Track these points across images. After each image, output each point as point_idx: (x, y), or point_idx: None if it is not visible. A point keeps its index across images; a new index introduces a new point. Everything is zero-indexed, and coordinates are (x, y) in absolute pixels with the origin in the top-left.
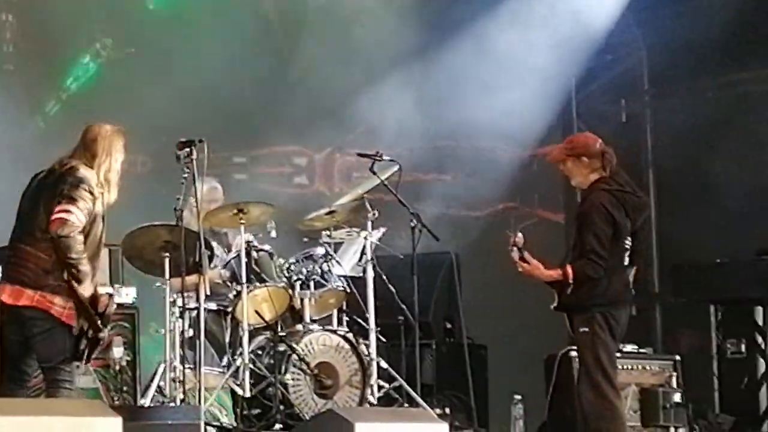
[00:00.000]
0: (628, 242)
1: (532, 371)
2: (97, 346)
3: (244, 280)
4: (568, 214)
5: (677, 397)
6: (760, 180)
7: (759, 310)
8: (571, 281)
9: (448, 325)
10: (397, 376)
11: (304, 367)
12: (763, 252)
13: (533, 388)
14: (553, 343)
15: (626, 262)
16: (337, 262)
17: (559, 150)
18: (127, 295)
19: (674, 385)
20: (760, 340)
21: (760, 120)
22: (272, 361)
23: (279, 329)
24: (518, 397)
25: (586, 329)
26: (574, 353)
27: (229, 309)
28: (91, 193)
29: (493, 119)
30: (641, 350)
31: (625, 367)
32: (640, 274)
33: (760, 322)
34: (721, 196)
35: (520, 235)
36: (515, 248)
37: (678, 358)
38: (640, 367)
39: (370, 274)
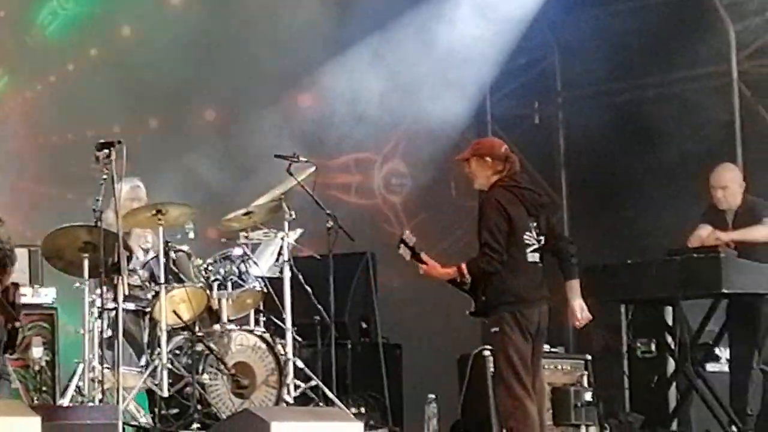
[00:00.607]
0: (529, 238)
1: (446, 371)
2: (17, 335)
3: (162, 280)
4: None
5: (588, 396)
6: (670, 182)
7: (668, 310)
8: (466, 277)
9: (364, 325)
10: (313, 375)
11: (222, 366)
12: (673, 253)
13: (447, 387)
14: (467, 342)
15: (532, 258)
16: (255, 262)
17: (467, 150)
18: (46, 295)
19: (585, 384)
20: (669, 339)
21: (669, 122)
22: (190, 361)
23: (197, 329)
24: (432, 396)
25: (497, 329)
26: (487, 353)
27: (148, 309)
28: None
29: (408, 121)
30: (553, 350)
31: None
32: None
33: (670, 322)
34: (632, 198)
35: (407, 232)
36: (403, 246)
37: (589, 357)
38: (552, 366)
39: (287, 275)
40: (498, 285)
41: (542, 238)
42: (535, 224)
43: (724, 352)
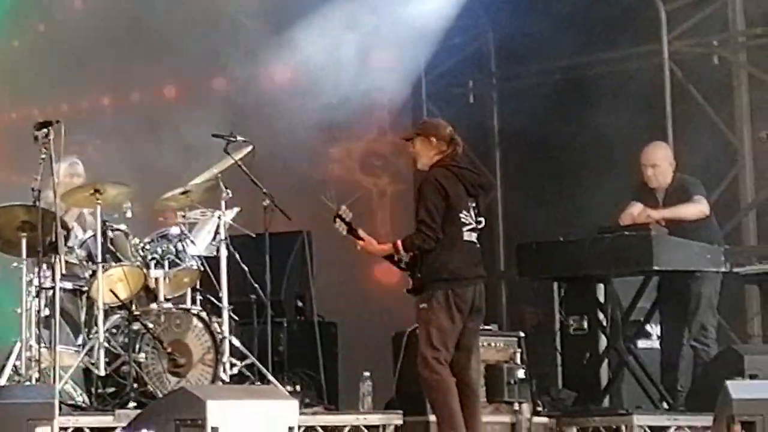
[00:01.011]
0: (467, 217)
1: (381, 348)
2: None
3: (99, 259)
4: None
5: (521, 373)
6: (602, 160)
7: (600, 288)
8: (402, 254)
9: (300, 304)
10: (249, 354)
11: (158, 345)
12: (605, 231)
13: (382, 365)
14: (402, 320)
15: (468, 237)
16: (192, 241)
17: (412, 130)
18: None
19: (518, 361)
20: (601, 316)
21: (602, 102)
22: (126, 340)
23: (133, 308)
24: (367, 373)
25: (425, 305)
26: None
27: (85, 288)
28: None
29: (344, 98)
30: (486, 327)
31: None
32: None
33: (602, 300)
34: (565, 177)
35: (343, 207)
36: (339, 221)
37: (522, 334)
38: (485, 343)
39: (224, 254)
40: (433, 262)
41: (482, 219)
42: (474, 204)
43: (654, 329)
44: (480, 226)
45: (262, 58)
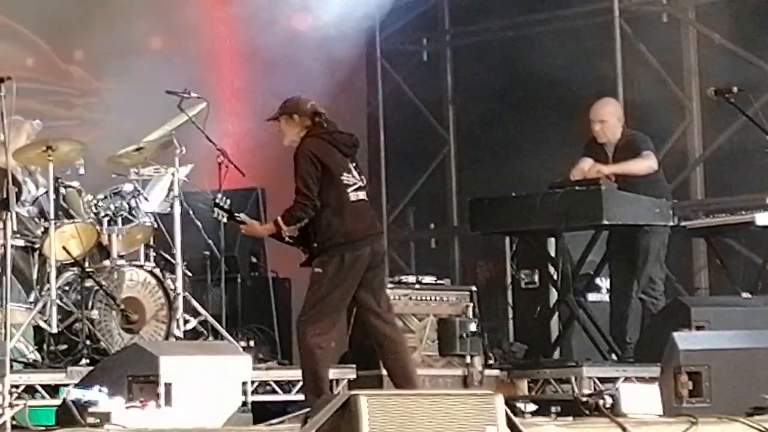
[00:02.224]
0: (348, 178)
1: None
2: None
3: (52, 216)
4: None
5: (473, 327)
6: (553, 117)
7: (551, 242)
8: (285, 230)
9: (254, 260)
10: (203, 310)
11: (111, 302)
12: (556, 186)
13: None
14: None
15: (355, 197)
16: (145, 198)
17: (276, 111)
18: None
19: (470, 315)
20: (552, 270)
21: (553, 59)
22: (79, 297)
23: (86, 265)
24: None
25: (320, 270)
26: None
27: (37, 245)
28: None
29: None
30: (439, 281)
31: (423, 298)
32: None
33: (553, 254)
34: (518, 133)
35: (219, 195)
36: (218, 209)
37: (474, 289)
38: (437, 298)
39: (177, 210)
40: (326, 229)
41: (364, 177)
42: (354, 164)
43: (604, 282)
44: (364, 184)
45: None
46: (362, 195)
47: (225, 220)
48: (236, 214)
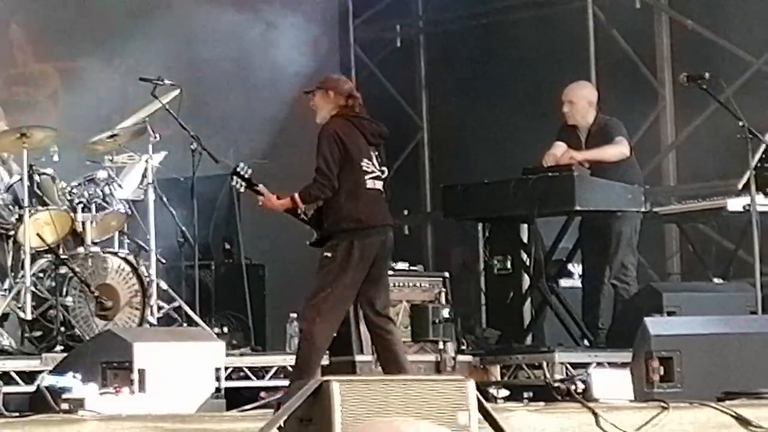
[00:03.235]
0: (368, 165)
1: (308, 291)
2: None
3: (26, 203)
4: None
5: (446, 313)
6: (526, 104)
7: (524, 228)
8: (301, 206)
9: (227, 246)
10: (177, 296)
11: (85, 289)
12: (528, 172)
13: None
14: None
15: (372, 185)
16: (119, 185)
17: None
18: None
19: (443, 301)
20: (524, 256)
21: (526, 46)
22: (53, 284)
23: (61, 252)
24: (294, 315)
25: (329, 254)
26: None
27: (11, 232)
28: None
29: (269, 42)
30: (412, 267)
31: (396, 284)
32: None
33: (525, 240)
34: (490, 119)
35: (242, 164)
36: (237, 177)
37: (447, 275)
38: (411, 284)
39: (151, 197)
40: (337, 212)
41: (385, 168)
42: (376, 153)
43: (577, 268)
44: (384, 175)
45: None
46: (379, 185)
47: (242, 189)
48: (255, 185)
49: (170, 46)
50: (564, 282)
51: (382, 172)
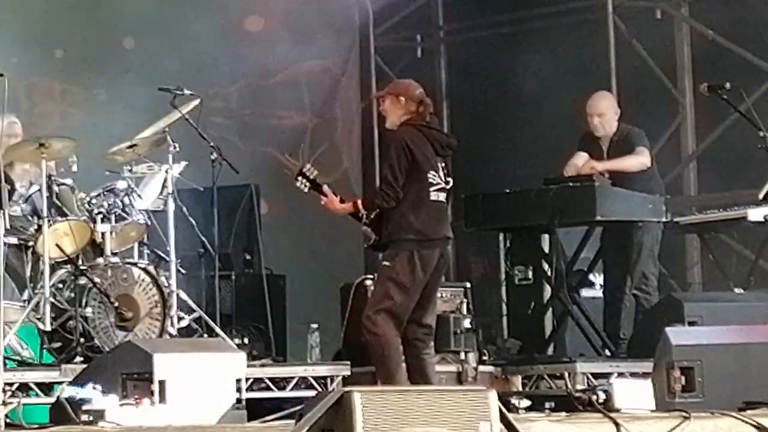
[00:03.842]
0: (434, 177)
1: (329, 301)
2: None
3: (45, 214)
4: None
5: (467, 323)
6: (548, 113)
7: (545, 238)
8: (362, 212)
9: (248, 257)
10: (197, 307)
11: (105, 300)
12: (549, 182)
13: (330, 317)
14: (349, 272)
15: (435, 197)
16: (139, 195)
17: (385, 89)
18: None
19: (465, 311)
20: (546, 266)
21: (548, 56)
22: (73, 295)
23: (80, 263)
24: (315, 326)
25: (388, 264)
26: (369, 282)
27: (30, 243)
28: None
29: (290, 54)
30: None
31: None
32: None
33: (546, 250)
34: (512, 129)
35: (308, 165)
36: (302, 178)
37: (468, 285)
38: None
39: (171, 207)
40: (399, 221)
41: (450, 180)
42: (443, 165)
43: (598, 278)
44: (448, 186)
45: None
46: (442, 197)
47: (306, 190)
48: (320, 185)
49: (184, 60)
50: (585, 292)
51: (447, 183)
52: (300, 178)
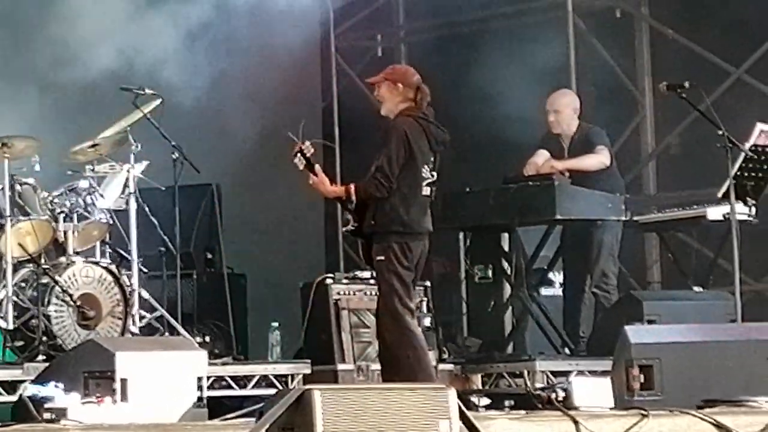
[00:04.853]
0: (427, 172)
1: (290, 299)
2: None
3: (7, 213)
4: None
5: (427, 322)
6: (506, 113)
7: (505, 237)
8: (353, 198)
9: (209, 255)
10: (159, 306)
11: (67, 298)
12: (509, 181)
13: (291, 315)
14: (310, 271)
15: (425, 192)
16: (101, 194)
17: (380, 74)
18: None
19: (425, 309)
20: (505, 265)
21: (507, 55)
22: (35, 294)
23: (42, 262)
24: (275, 324)
25: (382, 258)
26: (329, 281)
27: None
28: None
29: (250, 51)
30: None
31: (376, 293)
32: None
33: (506, 248)
34: (470, 129)
35: (308, 143)
36: (300, 155)
37: (428, 284)
38: None
39: (133, 207)
40: (389, 212)
41: (435, 174)
42: (432, 159)
43: (557, 277)
44: (433, 180)
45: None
46: (429, 192)
47: (301, 167)
48: (313, 165)
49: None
50: (545, 290)
51: (432, 176)
52: (299, 155)
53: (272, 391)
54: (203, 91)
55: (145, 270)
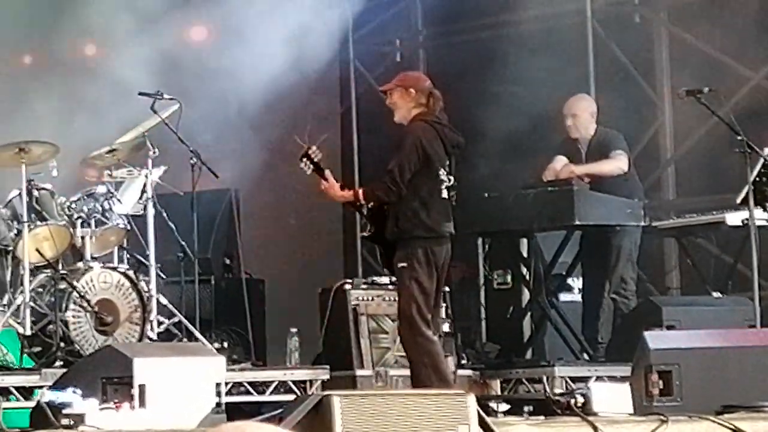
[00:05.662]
0: (444, 175)
1: (308, 305)
2: None
3: (25, 218)
4: None
5: (446, 327)
6: (527, 118)
7: (524, 242)
8: (362, 202)
9: (227, 261)
10: (177, 311)
11: (85, 304)
12: (528, 186)
13: (309, 321)
14: (329, 276)
15: (445, 195)
16: (118, 200)
17: (392, 81)
18: None
19: (443, 315)
20: (524, 271)
21: (526, 60)
22: (53, 299)
23: (60, 267)
24: (294, 330)
25: (404, 264)
26: (348, 286)
27: (10, 248)
28: None
29: (269, 57)
30: None
31: (396, 299)
32: None
33: (525, 254)
34: (489, 134)
35: (314, 147)
36: (306, 160)
37: (447, 289)
38: None
39: (151, 212)
40: (411, 217)
41: (452, 177)
42: (448, 163)
43: (576, 283)
44: (452, 184)
45: (180, 19)
46: (448, 195)
47: (309, 171)
48: (323, 170)
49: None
50: (564, 296)
51: (450, 180)
52: (305, 159)
53: (290, 397)
54: (221, 96)
55: (163, 276)
